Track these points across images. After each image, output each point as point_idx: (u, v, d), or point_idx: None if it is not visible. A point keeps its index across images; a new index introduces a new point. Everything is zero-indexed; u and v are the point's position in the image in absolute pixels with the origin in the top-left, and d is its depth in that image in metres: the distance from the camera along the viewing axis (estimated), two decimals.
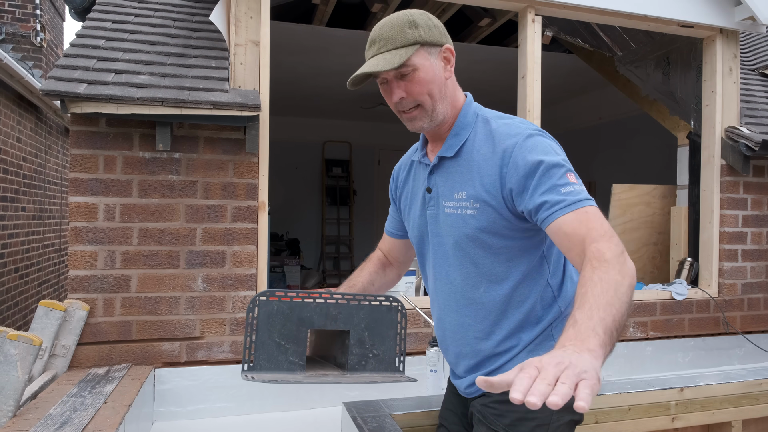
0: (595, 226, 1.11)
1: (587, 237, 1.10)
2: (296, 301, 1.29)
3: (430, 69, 1.26)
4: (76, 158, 2.23)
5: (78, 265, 2.22)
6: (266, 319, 1.26)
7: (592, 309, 0.95)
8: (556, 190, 1.16)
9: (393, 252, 1.65)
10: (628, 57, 3.52)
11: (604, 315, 0.94)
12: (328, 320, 1.31)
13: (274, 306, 1.27)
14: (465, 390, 1.44)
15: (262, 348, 1.26)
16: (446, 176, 1.34)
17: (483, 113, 1.35)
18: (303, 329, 1.29)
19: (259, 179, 2.43)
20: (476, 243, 1.29)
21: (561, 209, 1.15)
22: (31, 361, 1.76)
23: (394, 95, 1.28)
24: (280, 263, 5.82)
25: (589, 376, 0.81)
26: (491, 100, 6.86)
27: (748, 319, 3.19)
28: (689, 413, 2.19)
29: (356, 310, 1.33)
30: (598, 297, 0.97)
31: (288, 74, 5.10)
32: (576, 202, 1.15)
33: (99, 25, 2.66)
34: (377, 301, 1.35)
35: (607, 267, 1.03)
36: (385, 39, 1.26)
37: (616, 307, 0.96)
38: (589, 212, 1.14)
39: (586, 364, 0.83)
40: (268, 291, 1.28)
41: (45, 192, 5.88)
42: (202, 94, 2.24)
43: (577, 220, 1.13)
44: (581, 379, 0.80)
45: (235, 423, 2.31)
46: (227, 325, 2.37)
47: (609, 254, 1.06)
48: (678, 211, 3.36)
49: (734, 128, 3.13)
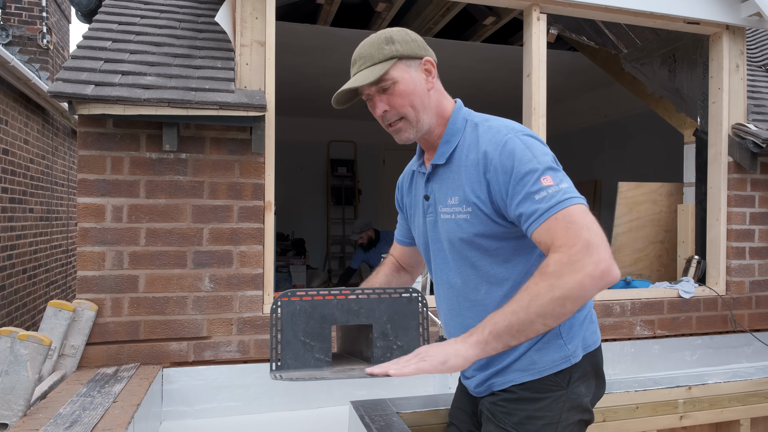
0: (559, 235, 1.12)
1: (550, 247, 1.14)
2: (317, 299, 1.31)
3: (410, 81, 1.30)
4: (84, 159, 2.25)
5: (86, 265, 2.24)
6: (290, 319, 1.29)
7: (497, 312, 1.13)
8: (531, 198, 1.18)
9: (404, 258, 1.69)
10: (633, 54, 3.51)
11: (500, 320, 1.12)
12: (350, 315, 1.33)
13: (296, 305, 1.29)
14: (475, 389, 1.45)
15: (288, 347, 1.28)
16: (440, 183, 1.37)
17: (472, 118, 1.36)
18: (326, 326, 1.31)
19: (265, 179, 2.44)
20: (472, 246, 1.31)
21: (534, 221, 1.17)
22: (40, 361, 1.77)
23: (377, 108, 1.32)
24: (286, 263, 5.83)
25: (430, 358, 1.11)
26: (496, 99, 6.81)
27: (756, 317, 3.18)
28: (697, 411, 2.18)
29: (377, 303, 1.35)
30: (510, 303, 1.13)
31: (293, 74, 5.11)
32: (548, 210, 1.15)
33: (105, 26, 2.67)
34: (397, 294, 1.36)
35: (540, 278, 1.11)
36: (364, 57, 1.31)
37: (519, 315, 1.10)
38: (558, 218, 1.14)
39: (439, 350, 1.13)
40: (289, 291, 1.30)
41: (52, 193, 5.91)
42: (208, 95, 2.25)
43: (545, 231, 1.15)
44: (422, 360, 1.12)
45: (243, 422, 2.31)
46: (234, 324, 2.37)
47: (552, 267, 1.11)
48: (685, 208, 3.34)
49: (741, 125, 3.12)
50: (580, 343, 1.36)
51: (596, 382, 1.40)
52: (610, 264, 1.08)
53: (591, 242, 1.09)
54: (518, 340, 1.12)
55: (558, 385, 1.32)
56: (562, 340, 1.34)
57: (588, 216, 1.14)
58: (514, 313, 1.10)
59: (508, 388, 1.35)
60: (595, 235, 1.10)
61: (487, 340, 1.11)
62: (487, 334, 1.11)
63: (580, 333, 1.37)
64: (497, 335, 1.11)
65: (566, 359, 1.33)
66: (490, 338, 1.11)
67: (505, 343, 1.12)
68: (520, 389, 1.34)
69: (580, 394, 1.34)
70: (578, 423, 1.34)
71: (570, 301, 1.09)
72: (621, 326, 2.92)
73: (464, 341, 1.13)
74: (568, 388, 1.33)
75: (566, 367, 1.33)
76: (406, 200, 1.58)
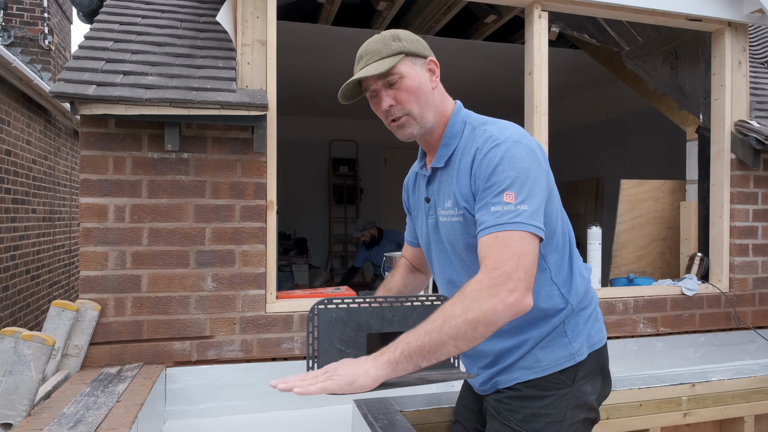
0: (491, 254, 1.15)
1: (480, 264, 1.17)
2: (353, 307, 1.32)
3: (417, 77, 1.31)
4: (86, 159, 2.25)
5: (89, 265, 2.24)
6: (326, 327, 1.30)
7: (411, 333, 1.14)
8: (487, 208, 1.20)
9: (415, 259, 1.70)
10: (635, 52, 3.50)
11: (413, 339, 1.13)
12: (384, 323, 1.34)
13: (333, 314, 1.31)
14: (479, 387, 1.45)
15: (325, 355, 1.29)
16: (439, 185, 1.38)
17: (471, 121, 1.36)
18: (361, 333, 1.33)
19: (267, 178, 2.44)
20: (468, 249, 1.32)
21: (480, 231, 1.19)
22: (44, 360, 1.77)
23: (383, 102, 1.32)
24: (288, 262, 5.83)
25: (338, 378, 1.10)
26: (498, 97, 6.79)
27: (759, 314, 3.17)
28: (701, 409, 2.18)
29: (410, 311, 1.36)
30: (424, 323, 1.14)
31: (294, 74, 5.11)
32: (493, 226, 1.17)
33: (107, 27, 2.67)
34: (429, 302, 1.38)
35: (458, 299, 1.13)
36: (371, 52, 1.32)
37: (432, 336, 1.11)
38: (498, 238, 1.15)
39: (348, 370, 1.12)
40: (326, 300, 1.31)
41: (55, 194, 5.92)
42: (210, 95, 2.25)
43: (483, 245, 1.18)
44: (330, 379, 1.11)
45: (246, 421, 2.31)
46: (237, 324, 2.38)
47: (472, 288, 1.13)
48: (687, 206, 3.34)
49: (744, 122, 3.11)
50: (585, 341, 1.36)
51: (602, 381, 1.40)
52: (523, 294, 1.11)
53: (514, 268, 1.11)
54: (429, 361, 1.12)
55: (563, 383, 1.32)
56: (566, 338, 1.34)
57: (526, 246, 1.14)
58: (427, 333, 1.11)
59: (513, 385, 1.35)
60: (522, 265, 1.12)
61: (398, 360, 1.12)
62: (399, 354, 1.12)
63: (585, 331, 1.37)
64: (408, 355, 1.11)
65: (571, 357, 1.33)
66: (401, 358, 1.12)
67: (416, 363, 1.12)
68: (524, 387, 1.34)
69: (586, 393, 1.34)
70: (583, 421, 1.34)
71: (482, 325, 1.10)
72: (624, 324, 2.92)
73: (375, 360, 1.13)
74: (573, 386, 1.33)
75: (571, 365, 1.33)
76: (411, 202, 1.59)
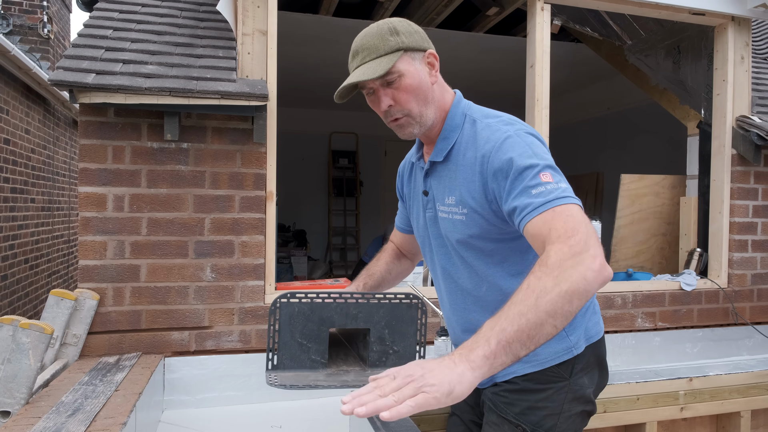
0: (557, 226, 1.04)
1: (546, 239, 1.05)
2: (317, 302, 1.31)
3: (416, 74, 1.25)
4: (85, 148, 2.24)
5: (88, 254, 2.24)
6: (288, 320, 1.29)
7: (500, 317, 0.94)
8: (527, 192, 1.11)
9: (404, 245, 1.68)
10: (637, 46, 3.48)
11: (508, 325, 0.92)
12: (348, 319, 1.33)
13: (295, 307, 1.30)
14: None
15: (285, 348, 1.29)
16: (438, 180, 1.35)
17: (471, 113, 1.32)
18: (324, 328, 1.32)
19: (267, 169, 2.43)
20: (468, 247, 1.31)
21: (528, 213, 1.10)
22: (42, 349, 1.77)
23: (382, 103, 1.27)
24: (287, 254, 5.83)
25: (433, 390, 0.85)
26: (499, 90, 6.78)
27: (757, 310, 3.18)
28: (698, 403, 2.19)
29: (376, 308, 1.35)
30: (513, 305, 0.95)
31: (295, 65, 5.09)
32: (545, 203, 1.08)
33: (106, 15, 2.65)
34: (397, 299, 1.36)
35: (543, 272, 0.98)
36: (367, 48, 1.25)
37: (528, 317, 0.92)
38: (556, 211, 1.06)
39: (441, 377, 0.87)
40: (288, 293, 1.30)
41: (54, 183, 5.91)
42: (210, 84, 2.23)
43: (542, 222, 1.07)
44: (421, 392, 0.85)
45: (244, 411, 2.32)
46: (236, 314, 2.38)
47: (553, 258, 0.99)
48: (687, 201, 3.33)
49: (745, 117, 3.10)
50: (583, 334, 1.36)
51: (599, 373, 1.41)
52: (604, 261, 1.02)
53: (588, 236, 1.02)
54: (528, 349, 0.93)
55: (560, 376, 1.32)
56: (564, 331, 1.34)
57: (586, 217, 1.08)
58: (521, 315, 0.92)
59: (511, 379, 1.36)
60: (592, 232, 1.04)
61: (496, 353, 0.90)
62: (495, 345, 0.91)
63: (582, 324, 1.37)
64: (507, 344, 0.91)
65: (568, 350, 1.33)
66: (498, 350, 0.91)
67: (515, 353, 0.92)
68: (522, 380, 1.34)
69: (583, 386, 1.34)
70: (580, 414, 1.34)
71: (576, 297, 0.96)
72: (622, 318, 2.92)
73: (467, 360, 0.90)
74: (571, 379, 1.33)
75: (569, 358, 1.33)
76: (405, 189, 1.56)
